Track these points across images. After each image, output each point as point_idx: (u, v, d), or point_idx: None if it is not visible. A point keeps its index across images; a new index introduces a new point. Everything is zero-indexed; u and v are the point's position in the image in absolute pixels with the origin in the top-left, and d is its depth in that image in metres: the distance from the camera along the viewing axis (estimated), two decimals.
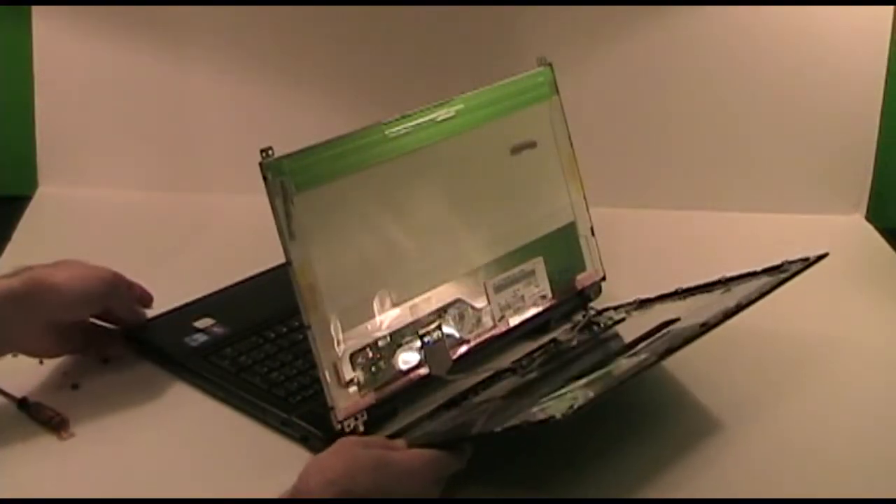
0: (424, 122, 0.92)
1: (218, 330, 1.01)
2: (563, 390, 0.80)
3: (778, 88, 1.28)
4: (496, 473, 0.83)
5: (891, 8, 1.23)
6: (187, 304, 1.05)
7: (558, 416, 0.71)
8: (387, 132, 0.89)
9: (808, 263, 0.93)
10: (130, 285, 0.98)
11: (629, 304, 1.04)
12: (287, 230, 0.82)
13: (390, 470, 0.74)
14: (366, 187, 0.88)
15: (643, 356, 0.83)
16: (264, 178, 0.81)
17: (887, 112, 1.26)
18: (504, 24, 1.27)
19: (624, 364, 0.84)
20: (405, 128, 0.90)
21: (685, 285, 1.00)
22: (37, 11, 1.29)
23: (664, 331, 0.89)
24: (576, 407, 0.72)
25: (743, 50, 1.27)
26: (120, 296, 0.96)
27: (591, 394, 0.75)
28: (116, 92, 1.32)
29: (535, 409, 0.77)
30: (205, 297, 1.06)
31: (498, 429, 0.75)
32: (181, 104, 1.33)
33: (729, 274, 0.99)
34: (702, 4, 1.25)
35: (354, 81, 1.30)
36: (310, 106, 1.30)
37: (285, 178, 0.82)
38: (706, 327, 0.83)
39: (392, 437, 0.83)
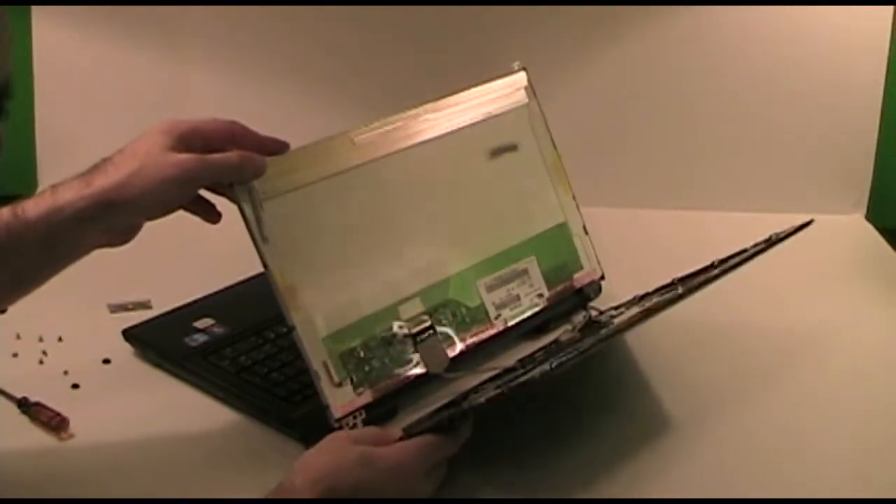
0: (395, 127, 0.93)
1: (218, 330, 1.01)
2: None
3: (777, 88, 1.28)
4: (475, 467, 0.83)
5: (891, 8, 1.23)
6: (187, 305, 1.05)
7: (537, 375, 0.71)
8: (353, 139, 0.90)
9: (794, 230, 0.93)
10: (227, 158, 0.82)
11: (629, 301, 1.04)
12: (259, 235, 0.83)
13: (376, 466, 0.74)
14: (340, 192, 0.88)
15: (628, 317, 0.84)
16: (230, 186, 0.82)
17: (887, 112, 1.26)
18: (489, 26, 1.27)
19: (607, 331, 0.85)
20: (373, 134, 0.91)
21: (681, 274, 1.00)
22: (37, 11, 1.29)
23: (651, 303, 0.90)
24: (554, 364, 0.72)
25: (742, 49, 1.27)
26: (214, 175, 0.82)
27: (571, 353, 0.75)
28: (116, 92, 1.32)
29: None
30: (205, 298, 1.06)
31: (482, 399, 0.75)
32: (181, 104, 1.33)
33: (721, 256, 0.99)
34: (700, 4, 1.25)
35: (359, 83, 1.31)
36: (310, 107, 1.31)
37: (252, 185, 0.83)
38: (688, 289, 0.83)
39: None
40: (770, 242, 0.93)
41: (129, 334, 1.00)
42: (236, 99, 1.32)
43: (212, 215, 0.87)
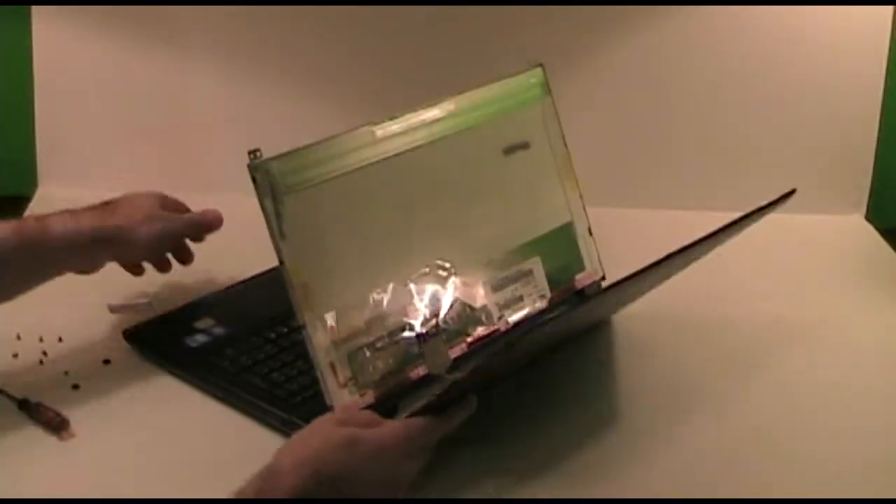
0: (415, 122, 0.92)
1: (218, 330, 1.01)
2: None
3: (778, 88, 1.28)
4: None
5: (891, 8, 1.23)
6: (187, 305, 1.05)
7: (513, 340, 0.71)
8: (376, 133, 0.90)
9: (780, 197, 0.92)
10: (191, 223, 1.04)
11: None
12: (278, 230, 0.82)
13: (360, 448, 0.73)
14: (357, 188, 0.88)
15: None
16: (253, 180, 0.82)
17: (887, 112, 1.27)
18: (500, 25, 1.27)
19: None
20: (395, 129, 0.91)
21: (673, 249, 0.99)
22: (37, 11, 1.29)
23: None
24: (532, 327, 0.71)
25: (742, 50, 1.27)
26: (190, 234, 1.04)
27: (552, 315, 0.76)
28: (116, 92, 1.32)
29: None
30: (205, 297, 1.06)
31: (463, 373, 0.75)
32: (181, 104, 1.32)
33: (713, 228, 0.99)
34: (701, 4, 1.25)
35: (360, 82, 1.30)
36: (312, 107, 1.30)
37: (274, 179, 0.83)
38: (669, 255, 0.83)
39: None
40: (753, 213, 0.92)
41: (130, 335, 1.00)
42: (237, 99, 1.32)
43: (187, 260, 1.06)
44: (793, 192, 0.93)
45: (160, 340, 0.99)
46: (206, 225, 1.05)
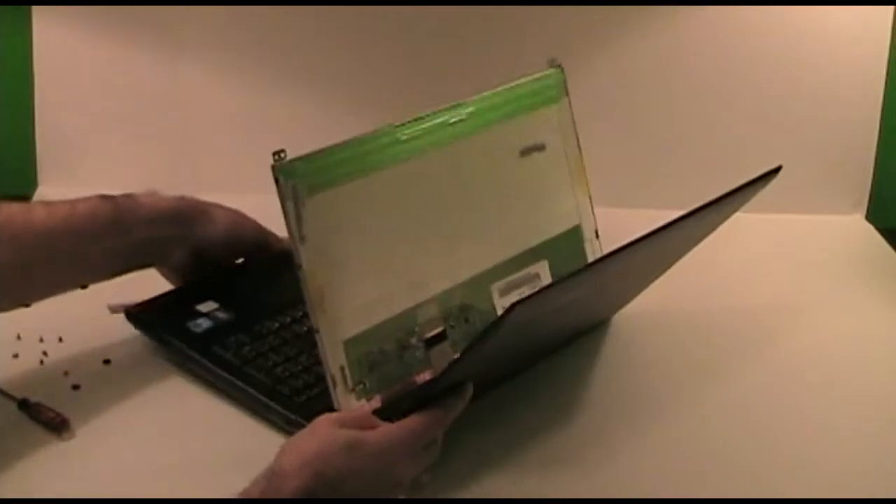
0: (436, 124, 0.91)
1: (222, 315, 1.00)
2: None
3: (777, 88, 1.28)
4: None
5: (891, 8, 1.23)
6: (189, 286, 1.03)
7: (508, 307, 0.71)
8: (399, 134, 0.88)
9: (767, 173, 0.92)
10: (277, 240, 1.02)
11: None
12: (298, 233, 0.81)
13: (363, 451, 0.74)
14: (377, 190, 0.87)
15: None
16: (276, 181, 0.80)
17: (887, 112, 1.27)
18: (512, 25, 1.27)
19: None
20: (417, 130, 0.89)
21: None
22: (37, 11, 1.29)
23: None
24: (526, 294, 0.73)
25: (743, 50, 1.27)
26: (261, 250, 1.03)
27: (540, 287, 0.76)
28: (116, 92, 1.32)
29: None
30: (207, 279, 1.03)
31: (458, 354, 0.75)
32: (181, 104, 1.33)
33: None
34: (703, 4, 1.25)
35: (359, 83, 1.30)
36: (311, 107, 1.30)
37: (297, 180, 0.81)
38: (656, 230, 0.83)
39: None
40: (740, 189, 0.90)
41: (132, 315, 1.00)
42: (236, 99, 1.32)
43: None
44: (779, 168, 0.92)
45: (163, 325, 0.98)
46: (275, 246, 1.02)
